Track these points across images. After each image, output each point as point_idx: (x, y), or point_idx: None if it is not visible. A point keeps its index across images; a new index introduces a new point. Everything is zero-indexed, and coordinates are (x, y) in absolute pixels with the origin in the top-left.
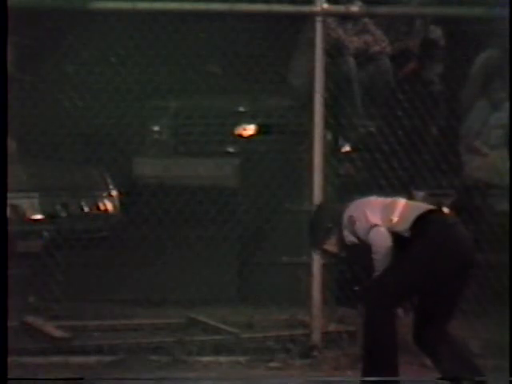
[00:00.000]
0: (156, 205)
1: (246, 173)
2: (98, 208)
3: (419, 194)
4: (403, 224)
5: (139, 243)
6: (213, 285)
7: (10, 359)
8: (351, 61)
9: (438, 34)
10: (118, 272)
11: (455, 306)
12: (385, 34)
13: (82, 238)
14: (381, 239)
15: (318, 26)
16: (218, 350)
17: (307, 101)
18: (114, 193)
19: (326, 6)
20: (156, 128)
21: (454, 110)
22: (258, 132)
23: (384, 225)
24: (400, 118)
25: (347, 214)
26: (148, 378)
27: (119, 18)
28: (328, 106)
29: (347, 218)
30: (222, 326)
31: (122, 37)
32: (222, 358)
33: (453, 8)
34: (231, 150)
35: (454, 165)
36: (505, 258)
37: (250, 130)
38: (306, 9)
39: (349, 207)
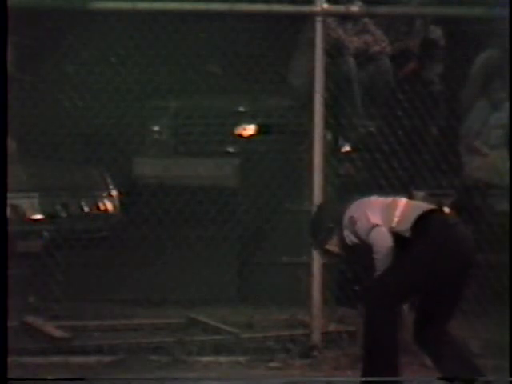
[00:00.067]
0: (156, 205)
1: (245, 173)
2: (98, 208)
3: (419, 194)
4: (404, 224)
5: (139, 243)
6: (213, 285)
7: (10, 359)
8: (351, 61)
9: (437, 34)
10: (118, 272)
11: (455, 305)
12: (385, 34)
13: (82, 238)
14: (382, 239)
15: (318, 26)
16: (218, 349)
17: (307, 101)
18: (114, 193)
19: (326, 6)
20: (156, 128)
21: (454, 109)
22: (258, 132)
23: (385, 225)
24: (400, 117)
25: (348, 215)
26: (148, 378)
27: (119, 18)
28: (328, 106)
29: (348, 218)
30: (222, 326)
31: (122, 37)
32: (222, 358)
33: (453, 8)
34: (231, 149)
35: (453, 165)
36: (505, 258)
37: (250, 130)
38: (305, 9)
39: (349, 207)
